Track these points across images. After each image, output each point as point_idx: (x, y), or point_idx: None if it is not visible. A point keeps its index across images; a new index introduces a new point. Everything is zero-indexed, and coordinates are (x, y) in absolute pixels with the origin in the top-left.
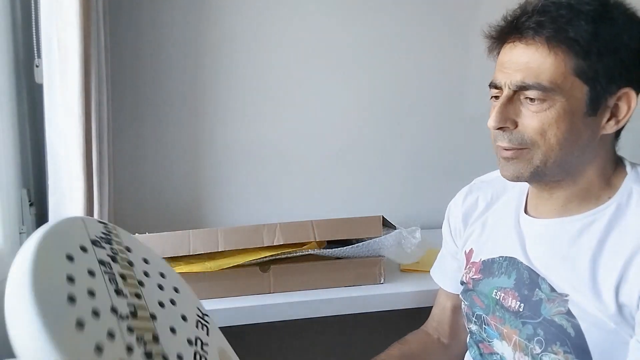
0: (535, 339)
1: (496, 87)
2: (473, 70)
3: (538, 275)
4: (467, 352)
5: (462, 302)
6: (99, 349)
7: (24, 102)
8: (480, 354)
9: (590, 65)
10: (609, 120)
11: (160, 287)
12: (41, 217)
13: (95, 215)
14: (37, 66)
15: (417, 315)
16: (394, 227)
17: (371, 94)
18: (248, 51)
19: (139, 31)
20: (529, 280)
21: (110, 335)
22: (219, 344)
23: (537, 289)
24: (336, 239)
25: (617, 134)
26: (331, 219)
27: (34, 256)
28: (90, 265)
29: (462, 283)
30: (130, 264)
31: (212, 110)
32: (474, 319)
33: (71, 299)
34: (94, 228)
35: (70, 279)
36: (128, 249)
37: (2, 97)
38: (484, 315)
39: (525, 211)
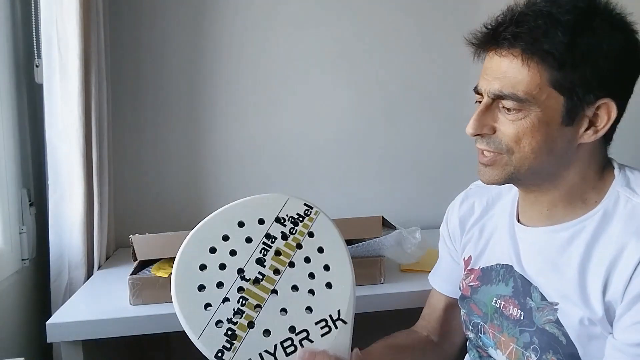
0: (532, 347)
1: (478, 92)
2: (473, 71)
3: (530, 283)
4: (467, 354)
5: (461, 310)
6: (201, 288)
7: (24, 102)
8: (480, 357)
9: (566, 76)
10: (587, 129)
11: (312, 275)
12: (41, 217)
13: (95, 215)
14: (37, 66)
15: (417, 315)
16: (394, 228)
17: (371, 95)
18: (248, 51)
19: (139, 31)
20: (522, 289)
21: (219, 284)
22: (326, 349)
23: (528, 298)
24: None
25: (609, 137)
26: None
27: (212, 216)
28: (253, 235)
29: (460, 289)
30: (299, 246)
31: (212, 110)
32: (470, 326)
33: (212, 250)
34: (292, 207)
35: (225, 238)
36: (311, 234)
37: (2, 97)
38: (481, 323)
39: (518, 219)
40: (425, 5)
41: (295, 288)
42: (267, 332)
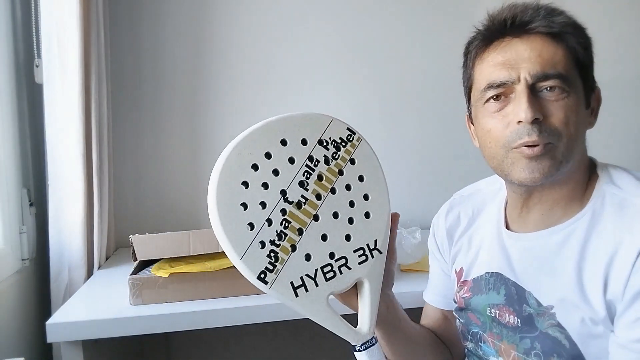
0: (533, 352)
1: (500, 85)
2: None
3: (524, 290)
4: None
5: (457, 320)
6: (244, 205)
7: (24, 102)
8: None
9: (586, 60)
10: (589, 116)
11: (352, 204)
12: (41, 217)
13: (95, 215)
14: (37, 66)
15: (417, 315)
16: None
17: (371, 94)
18: (248, 51)
19: (139, 31)
20: (516, 296)
21: (262, 204)
22: (362, 276)
23: (524, 304)
24: None
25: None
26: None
27: (253, 130)
28: (296, 155)
29: (455, 302)
30: (340, 172)
31: (211, 110)
32: (469, 336)
33: (255, 167)
34: (335, 130)
35: (268, 156)
36: (352, 161)
37: (2, 97)
38: (480, 332)
39: (507, 226)
40: (423, 7)
41: (335, 215)
42: (308, 257)
